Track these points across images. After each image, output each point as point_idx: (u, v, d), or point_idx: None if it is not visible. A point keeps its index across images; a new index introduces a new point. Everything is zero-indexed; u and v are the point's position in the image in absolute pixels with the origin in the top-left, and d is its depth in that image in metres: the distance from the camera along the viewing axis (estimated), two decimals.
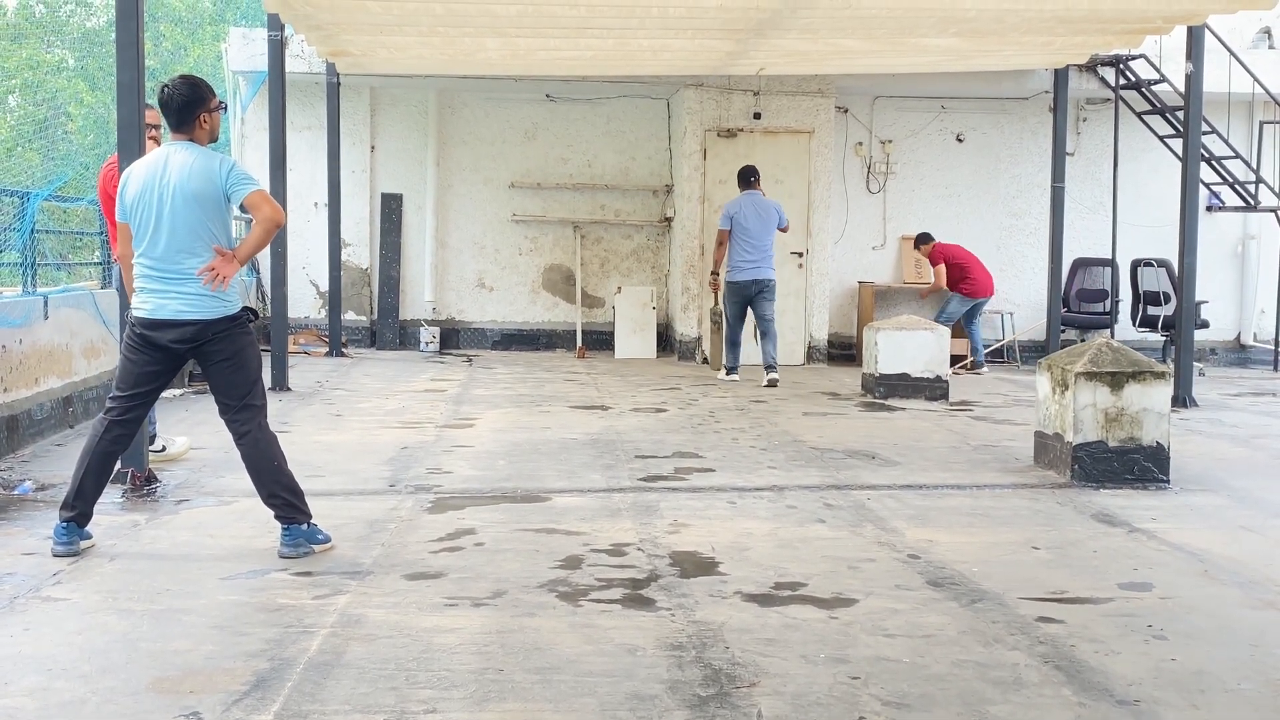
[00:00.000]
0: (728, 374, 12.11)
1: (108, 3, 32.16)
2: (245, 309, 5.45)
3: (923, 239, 13.88)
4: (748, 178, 12.13)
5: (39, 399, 7.96)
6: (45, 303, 8.16)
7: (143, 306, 5.33)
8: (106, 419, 5.41)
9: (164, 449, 7.42)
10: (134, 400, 5.43)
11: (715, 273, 12.29)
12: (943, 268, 13.58)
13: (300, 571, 5.07)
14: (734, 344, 12.16)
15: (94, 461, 5.37)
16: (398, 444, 8.17)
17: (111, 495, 6.40)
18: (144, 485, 6.55)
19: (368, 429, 8.79)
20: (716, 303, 12.58)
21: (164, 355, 5.37)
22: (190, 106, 5.35)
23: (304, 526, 5.36)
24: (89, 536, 5.41)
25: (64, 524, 5.29)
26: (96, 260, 10.87)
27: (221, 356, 5.35)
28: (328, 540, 5.43)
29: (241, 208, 5.36)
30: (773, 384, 11.60)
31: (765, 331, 11.85)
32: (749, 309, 11.99)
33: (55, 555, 5.22)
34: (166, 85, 5.38)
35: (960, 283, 13.46)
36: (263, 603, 4.64)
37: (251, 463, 5.41)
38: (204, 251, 5.28)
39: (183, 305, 5.27)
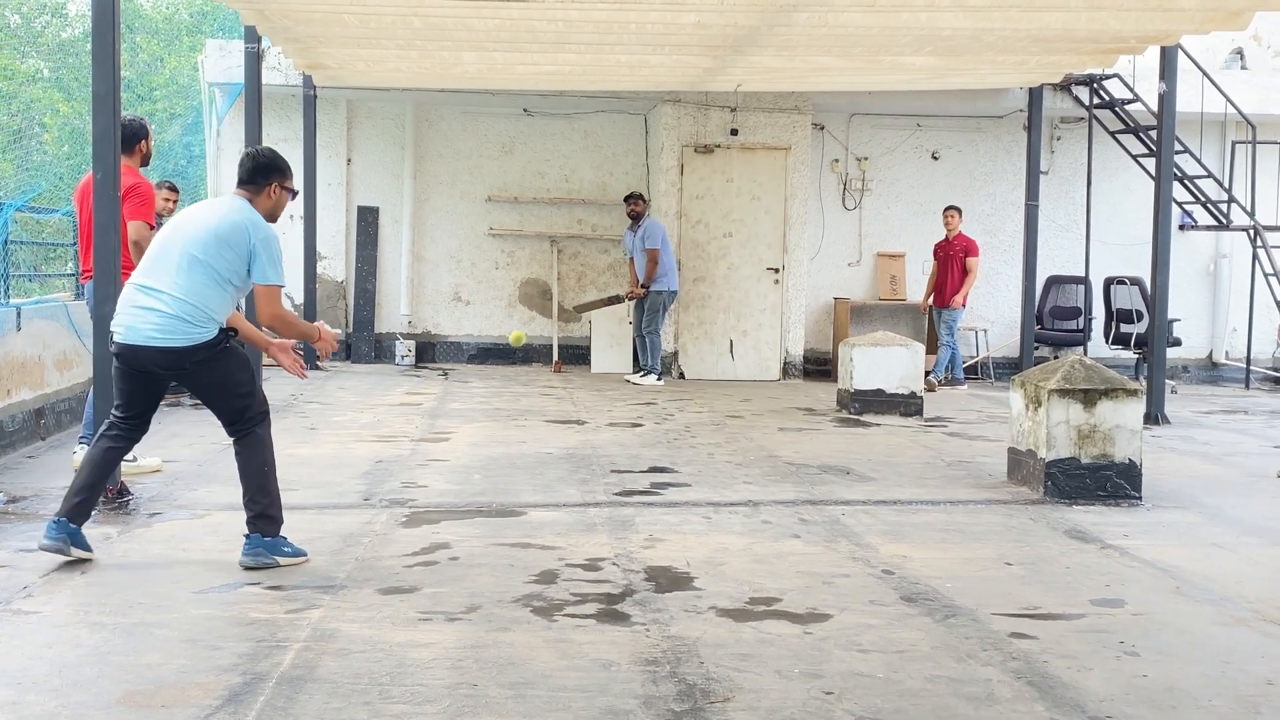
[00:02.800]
0: (660, 378, 13.13)
1: (83, 13, 32.06)
2: (224, 331, 5.35)
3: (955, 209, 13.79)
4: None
5: (10, 410, 7.91)
6: (18, 314, 8.11)
7: (117, 330, 5.30)
8: (108, 426, 5.46)
9: (135, 459, 7.37)
10: (131, 416, 5.44)
11: (645, 286, 13.14)
12: (977, 261, 13.64)
13: (273, 585, 5.04)
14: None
15: (94, 456, 5.40)
16: (372, 458, 8.15)
17: None
18: (116, 498, 6.50)
19: (342, 443, 8.76)
20: (629, 299, 13.58)
21: (147, 376, 5.34)
22: (266, 170, 5.40)
23: (268, 538, 5.33)
24: (88, 548, 5.35)
25: (56, 520, 5.25)
26: (70, 272, 10.81)
27: (204, 383, 5.35)
28: (297, 554, 5.40)
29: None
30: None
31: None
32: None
33: (43, 549, 5.21)
34: (260, 151, 5.49)
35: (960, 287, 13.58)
36: (235, 616, 4.62)
37: (242, 463, 5.41)
38: (199, 283, 5.20)
39: (155, 331, 5.20)
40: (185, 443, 8.41)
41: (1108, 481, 7.23)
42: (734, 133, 13.88)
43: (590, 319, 14.33)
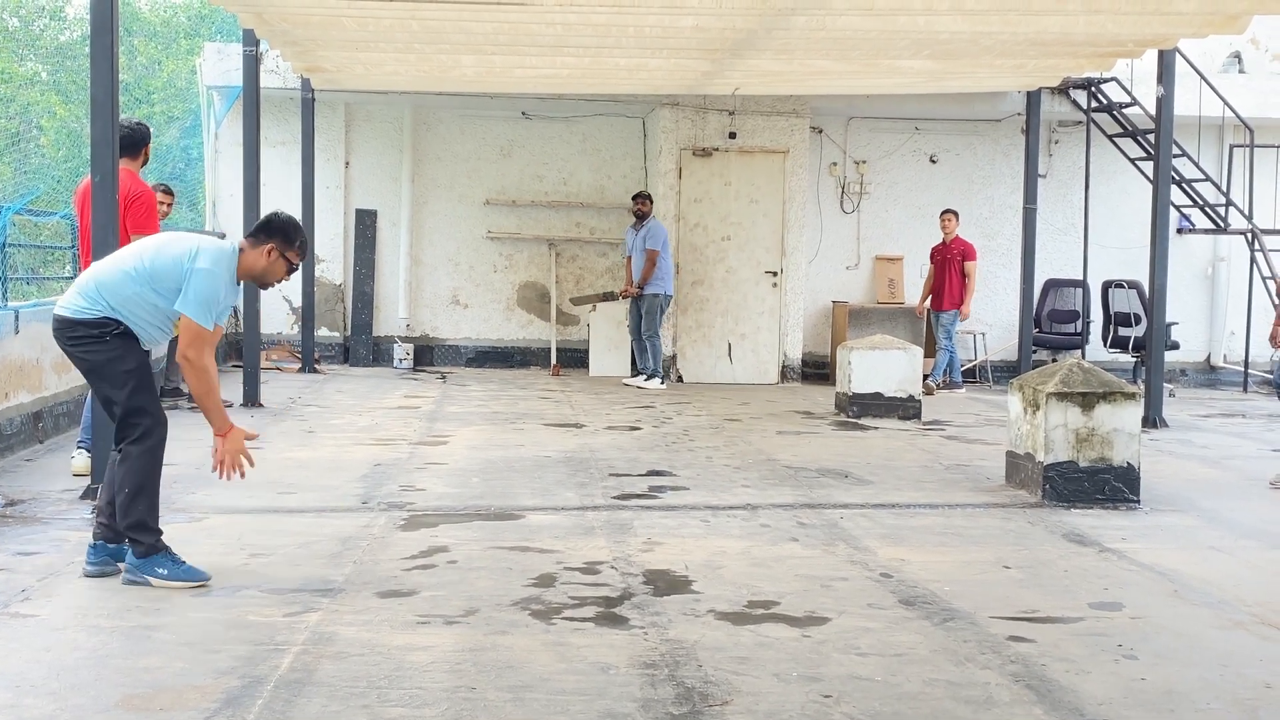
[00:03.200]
0: (663, 381, 13.19)
1: (81, 16, 32.05)
2: (108, 319, 5.04)
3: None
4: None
5: (8, 414, 7.90)
6: (16, 317, 8.10)
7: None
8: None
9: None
10: None
11: (640, 287, 13.17)
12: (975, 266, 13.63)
13: (271, 589, 5.04)
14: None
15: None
16: (371, 461, 8.15)
17: (81, 512, 6.36)
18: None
19: (340, 446, 8.76)
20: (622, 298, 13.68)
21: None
22: (269, 230, 5.26)
23: (139, 555, 5.09)
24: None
25: (92, 546, 5.24)
26: (68, 275, 10.81)
27: (80, 364, 5.18)
28: (183, 579, 5.08)
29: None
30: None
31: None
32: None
33: (87, 575, 5.17)
34: (282, 213, 5.37)
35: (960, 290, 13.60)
36: (233, 620, 4.62)
37: (109, 474, 5.24)
38: (121, 281, 5.07)
39: (65, 300, 5.15)
40: (182, 446, 8.38)
41: (1106, 485, 7.23)
42: (732, 136, 13.89)
43: (589, 322, 14.33)
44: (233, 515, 6.36)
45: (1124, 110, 13.47)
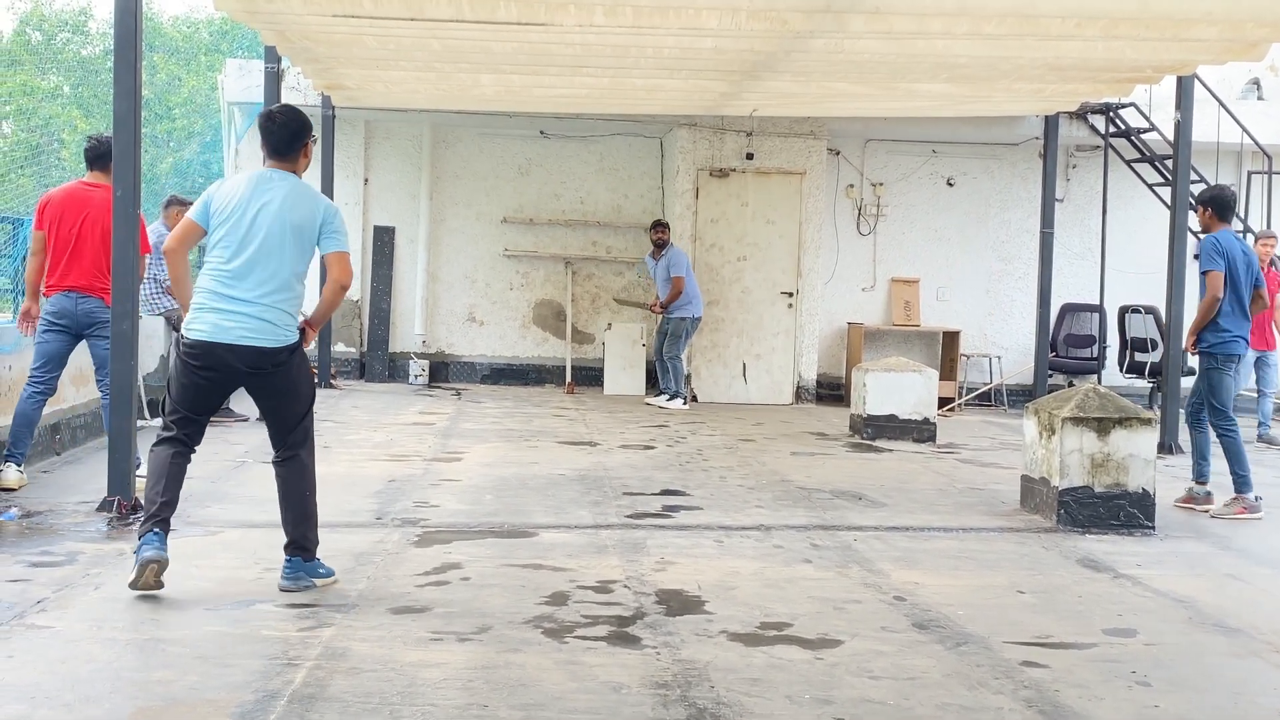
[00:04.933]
0: (685, 402, 13.23)
1: (104, 31, 32.28)
2: (301, 332, 5.34)
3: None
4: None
5: None
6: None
7: (200, 329, 5.16)
8: (167, 440, 5.28)
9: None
10: (192, 422, 5.32)
11: (664, 306, 13.24)
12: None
13: (285, 603, 5.06)
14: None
15: (170, 472, 5.24)
16: (385, 477, 8.16)
17: (97, 524, 6.40)
18: (130, 514, 6.53)
19: (355, 461, 8.78)
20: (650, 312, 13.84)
21: (221, 378, 5.23)
22: (299, 136, 5.33)
23: (307, 561, 5.35)
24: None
25: (153, 533, 5.12)
26: None
27: (278, 388, 5.28)
28: (330, 574, 5.41)
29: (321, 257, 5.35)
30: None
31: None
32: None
33: (148, 560, 5.02)
34: (274, 113, 5.35)
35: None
36: (247, 634, 4.63)
37: (286, 487, 5.36)
38: (285, 281, 5.21)
39: (246, 331, 5.13)
40: (199, 459, 8.41)
41: (1121, 510, 7.21)
42: (749, 157, 13.92)
43: (604, 341, 14.35)
44: (248, 529, 6.39)
45: (1142, 136, 13.46)
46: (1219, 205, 8.16)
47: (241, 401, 11.17)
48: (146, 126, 6.93)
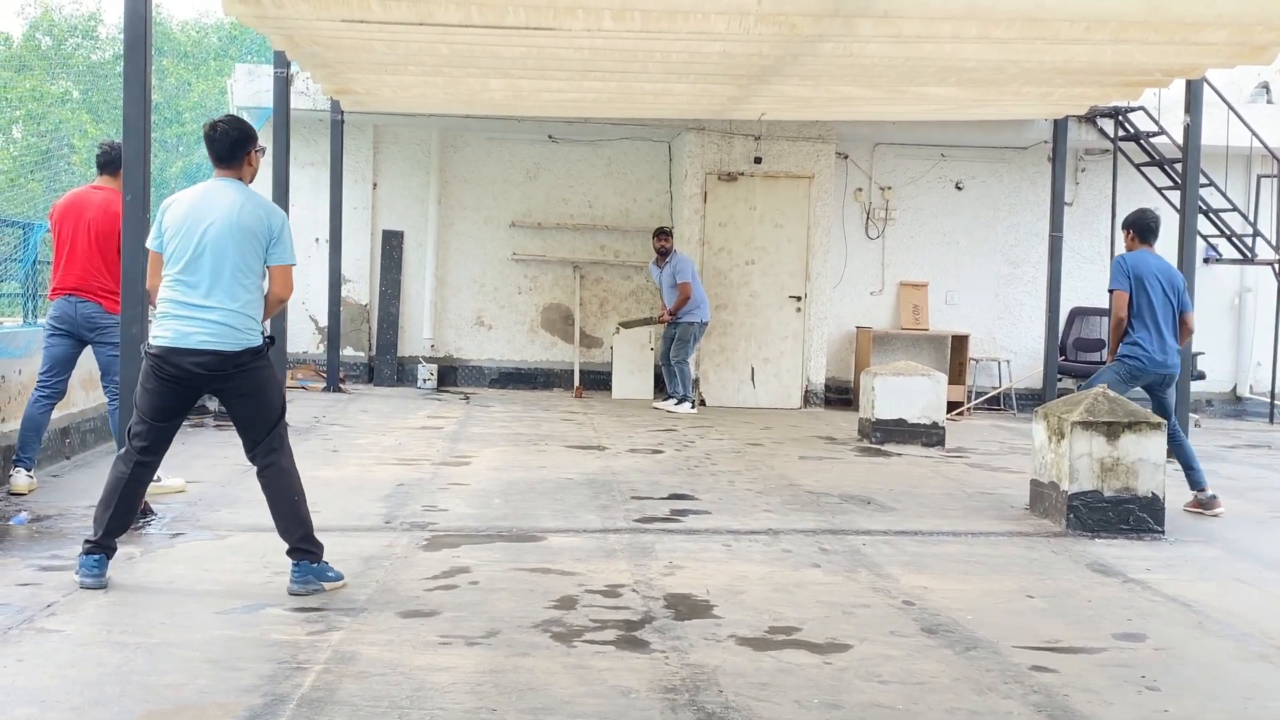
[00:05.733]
0: (693, 406, 13.15)
1: (114, 36, 32.37)
2: (266, 338, 5.45)
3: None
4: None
5: None
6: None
7: (163, 335, 5.27)
8: (132, 451, 5.36)
9: (159, 479, 7.41)
10: (157, 432, 5.37)
11: (673, 314, 13.23)
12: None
13: (294, 607, 5.06)
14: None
15: (123, 493, 5.32)
16: (394, 480, 8.17)
17: None
18: (140, 518, 6.53)
19: (364, 465, 8.79)
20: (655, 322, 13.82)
21: (183, 386, 5.31)
22: (241, 144, 5.43)
23: (314, 564, 5.36)
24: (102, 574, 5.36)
25: (93, 556, 5.24)
26: None
27: (243, 391, 5.35)
28: (339, 578, 5.42)
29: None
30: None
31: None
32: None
33: (84, 586, 5.19)
34: (217, 123, 5.46)
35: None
36: (257, 638, 4.64)
37: (271, 495, 5.41)
38: (239, 286, 5.28)
39: (206, 336, 5.23)
40: (209, 464, 8.45)
41: (1130, 515, 7.20)
42: (758, 161, 13.93)
43: (612, 345, 14.35)
44: (256, 533, 6.39)
45: (1151, 139, 13.44)
46: (1140, 228, 8.39)
47: None
48: (156, 131, 6.94)
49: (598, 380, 14.67)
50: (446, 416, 11.88)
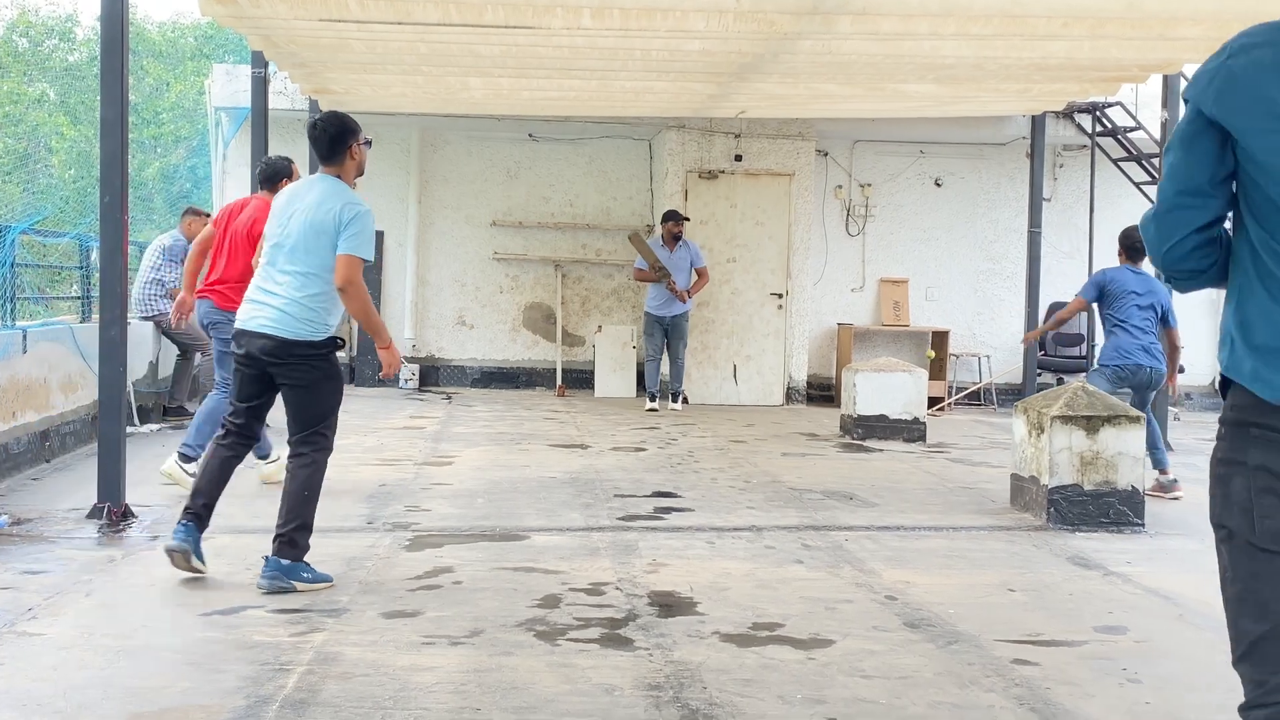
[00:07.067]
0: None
1: (90, 38, 32.21)
2: (331, 339, 5.55)
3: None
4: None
5: (16, 433, 7.92)
6: (24, 337, 8.14)
7: (239, 317, 5.57)
8: (224, 427, 5.68)
9: (276, 459, 7.76)
10: (243, 414, 5.64)
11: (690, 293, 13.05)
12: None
13: (277, 609, 5.05)
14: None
15: (217, 469, 5.57)
16: (376, 481, 8.16)
17: (88, 531, 6.39)
18: (120, 520, 6.52)
19: (346, 466, 8.75)
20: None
21: (251, 368, 5.51)
22: (340, 140, 5.57)
23: (287, 561, 5.35)
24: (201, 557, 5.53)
25: (183, 523, 5.42)
26: (75, 294, 10.85)
27: (297, 382, 5.49)
28: (320, 579, 5.42)
29: None
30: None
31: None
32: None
33: (167, 549, 5.41)
34: (315, 121, 5.63)
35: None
36: (239, 639, 4.63)
37: (289, 480, 5.52)
38: (308, 279, 5.43)
39: (266, 320, 5.42)
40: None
41: (1110, 508, 7.24)
42: (738, 159, 13.94)
43: (594, 343, 14.36)
44: (239, 535, 6.38)
45: (1129, 134, 13.50)
46: (1125, 245, 8.98)
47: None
48: (134, 132, 6.93)
49: (580, 379, 14.67)
50: (429, 416, 11.86)
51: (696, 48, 9.13)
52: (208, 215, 10.94)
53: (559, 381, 14.51)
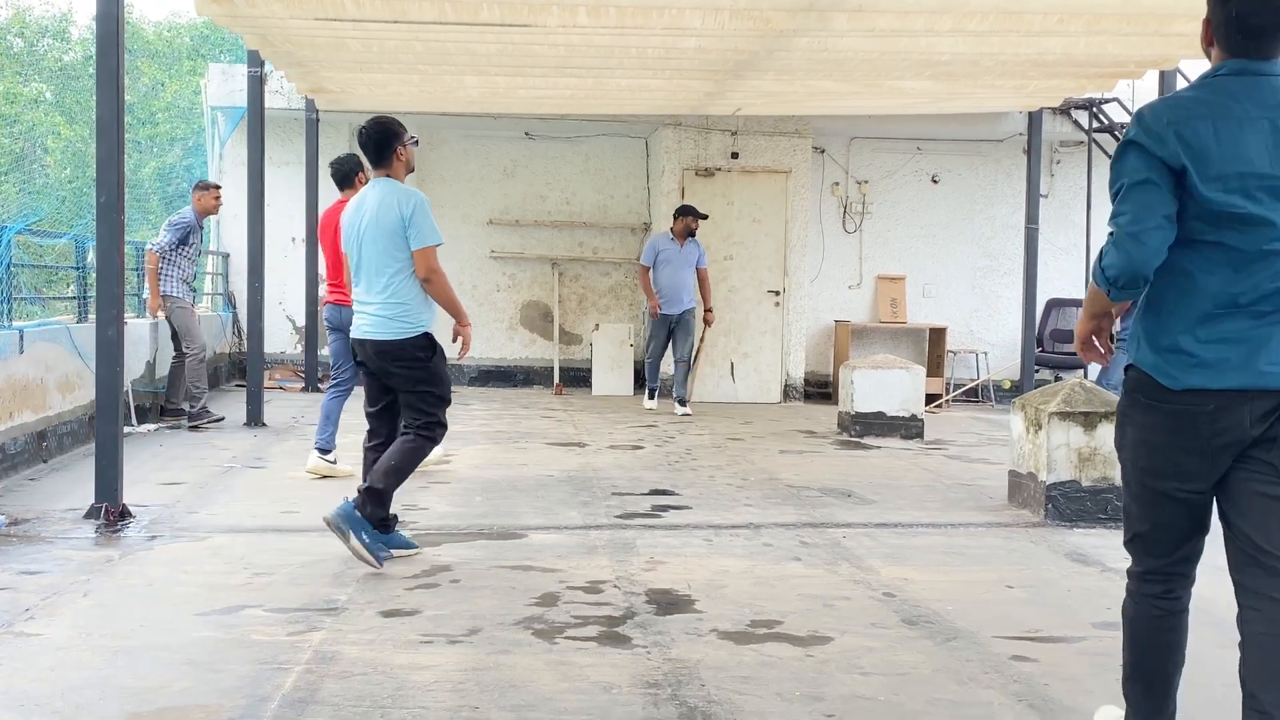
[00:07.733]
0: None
1: (85, 37, 32.18)
2: (427, 334, 5.91)
3: None
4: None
5: (12, 434, 7.91)
6: (21, 337, 8.12)
7: (353, 327, 6.09)
8: (368, 432, 6.22)
9: (334, 461, 8.12)
10: (373, 418, 6.19)
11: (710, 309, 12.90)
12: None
13: (275, 608, 5.05)
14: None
15: (369, 462, 6.08)
16: None
17: (85, 531, 6.38)
18: (118, 521, 6.52)
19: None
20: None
21: (370, 373, 6.05)
22: (386, 143, 5.90)
23: (359, 515, 5.62)
24: (413, 545, 6.04)
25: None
26: (72, 295, 10.82)
27: (405, 380, 5.93)
28: (371, 552, 5.61)
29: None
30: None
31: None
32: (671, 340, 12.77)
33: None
34: (361, 128, 5.94)
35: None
36: (237, 639, 4.62)
37: (392, 449, 5.84)
38: (388, 280, 5.85)
39: (368, 326, 5.93)
40: (186, 466, 8.43)
41: (1109, 504, 7.24)
42: (734, 156, 13.94)
43: (592, 342, 14.35)
44: (236, 534, 6.38)
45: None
46: None
47: (217, 402, 11.16)
48: (130, 132, 6.92)
49: (577, 377, 14.67)
50: None
51: (692, 45, 9.13)
52: (218, 188, 10.95)
53: (556, 380, 14.51)
